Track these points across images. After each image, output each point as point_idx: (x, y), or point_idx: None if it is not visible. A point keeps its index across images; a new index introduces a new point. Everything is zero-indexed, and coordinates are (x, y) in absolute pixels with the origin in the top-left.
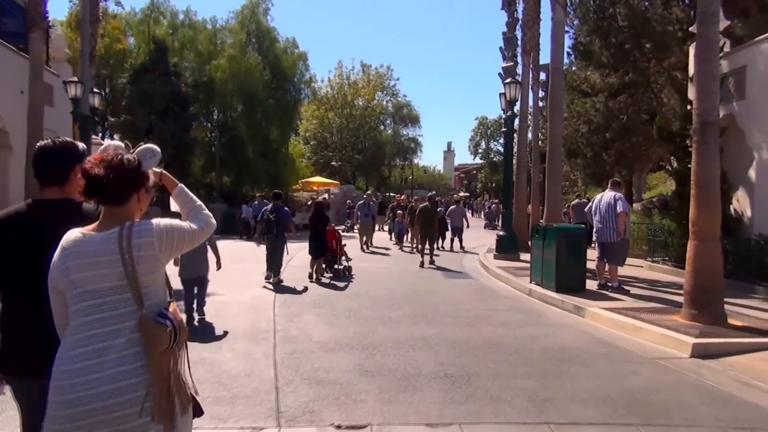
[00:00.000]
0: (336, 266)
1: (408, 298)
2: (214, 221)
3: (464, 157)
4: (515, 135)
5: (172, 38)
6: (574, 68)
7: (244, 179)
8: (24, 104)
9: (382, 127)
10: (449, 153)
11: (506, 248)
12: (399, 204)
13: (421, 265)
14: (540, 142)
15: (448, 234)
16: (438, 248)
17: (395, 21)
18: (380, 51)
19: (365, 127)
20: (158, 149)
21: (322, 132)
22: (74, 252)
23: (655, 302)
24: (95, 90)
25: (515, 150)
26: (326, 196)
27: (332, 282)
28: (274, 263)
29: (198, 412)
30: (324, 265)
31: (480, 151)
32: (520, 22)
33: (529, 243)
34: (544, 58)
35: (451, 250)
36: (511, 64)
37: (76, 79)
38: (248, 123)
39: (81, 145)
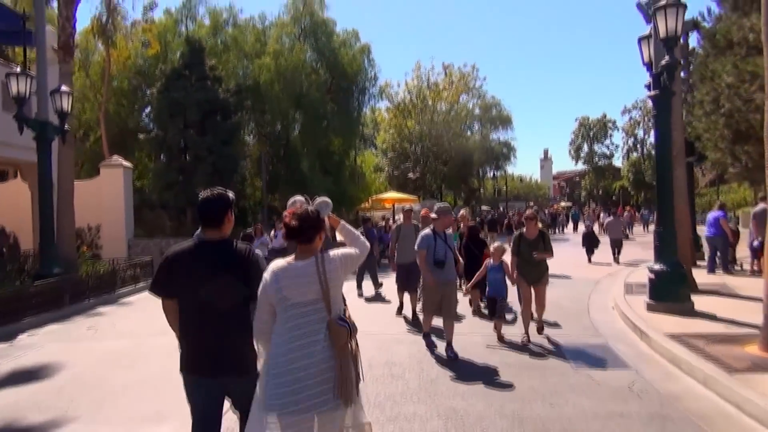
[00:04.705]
0: None
1: None
2: (368, 244)
3: (563, 164)
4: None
5: (215, 39)
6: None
7: None
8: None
9: (468, 133)
10: (546, 161)
11: (669, 293)
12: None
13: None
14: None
15: (603, 248)
16: (588, 262)
17: (474, 13)
18: (460, 49)
19: (449, 134)
20: (330, 201)
21: (401, 142)
22: (284, 276)
23: None
24: (64, 89)
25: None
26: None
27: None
28: (371, 277)
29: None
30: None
31: (582, 155)
32: None
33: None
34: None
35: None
36: None
37: (17, 69)
38: (302, 131)
39: (230, 193)
